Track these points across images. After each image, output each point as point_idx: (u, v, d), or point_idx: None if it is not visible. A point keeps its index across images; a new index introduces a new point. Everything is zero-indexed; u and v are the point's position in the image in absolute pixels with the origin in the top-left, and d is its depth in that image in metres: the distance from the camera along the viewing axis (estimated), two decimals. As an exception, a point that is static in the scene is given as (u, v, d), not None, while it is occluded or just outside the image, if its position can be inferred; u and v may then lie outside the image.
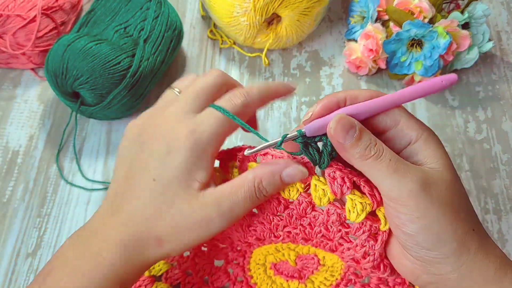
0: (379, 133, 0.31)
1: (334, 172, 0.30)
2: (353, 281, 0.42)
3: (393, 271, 0.33)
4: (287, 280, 0.43)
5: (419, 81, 0.60)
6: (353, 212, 0.30)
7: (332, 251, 0.34)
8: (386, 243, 0.32)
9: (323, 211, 0.32)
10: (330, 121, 0.29)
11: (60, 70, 0.51)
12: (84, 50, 0.51)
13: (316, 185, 0.31)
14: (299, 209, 0.32)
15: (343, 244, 0.33)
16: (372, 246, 0.31)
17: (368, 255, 0.32)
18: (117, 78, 0.52)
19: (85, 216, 0.52)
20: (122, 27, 0.55)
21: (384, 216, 0.31)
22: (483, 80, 0.63)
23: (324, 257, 0.40)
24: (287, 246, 0.40)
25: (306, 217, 0.32)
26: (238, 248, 0.42)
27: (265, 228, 0.34)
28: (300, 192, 0.31)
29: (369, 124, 0.31)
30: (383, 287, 0.41)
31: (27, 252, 0.50)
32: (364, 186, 0.30)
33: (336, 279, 0.42)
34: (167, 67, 0.59)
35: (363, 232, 0.31)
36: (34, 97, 0.60)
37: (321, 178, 0.31)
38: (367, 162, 0.29)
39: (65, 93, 0.53)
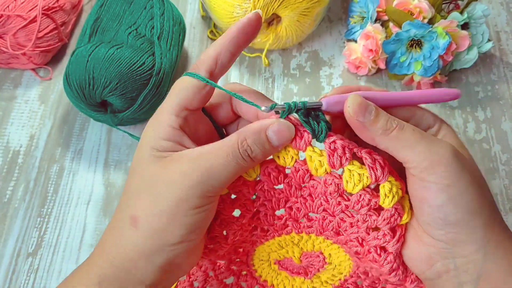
0: None
1: (335, 142, 0.29)
2: (362, 277, 0.41)
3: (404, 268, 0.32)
4: (293, 275, 0.43)
5: (418, 82, 0.60)
6: (350, 182, 0.30)
7: (337, 232, 0.34)
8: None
9: (321, 180, 0.31)
10: (347, 99, 0.29)
11: (87, 81, 0.51)
12: (108, 57, 0.51)
13: (311, 156, 0.30)
14: (297, 176, 0.31)
15: (345, 220, 0.33)
16: (374, 221, 0.31)
17: (372, 231, 0.32)
18: (144, 78, 0.52)
19: (86, 216, 0.52)
20: (133, 29, 0.56)
21: (385, 193, 0.30)
22: (482, 80, 0.63)
23: (330, 254, 0.40)
24: (290, 239, 0.39)
25: (306, 187, 0.32)
26: (240, 250, 0.41)
27: (268, 209, 0.34)
28: (296, 159, 0.31)
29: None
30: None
31: (28, 252, 0.50)
32: (366, 158, 0.30)
33: (345, 275, 0.41)
34: (178, 62, 0.60)
35: (362, 206, 0.31)
36: (34, 97, 0.60)
37: (316, 149, 0.30)
38: (391, 136, 0.28)
39: (92, 104, 0.53)
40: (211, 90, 0.31)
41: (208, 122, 0.34)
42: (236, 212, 0.34)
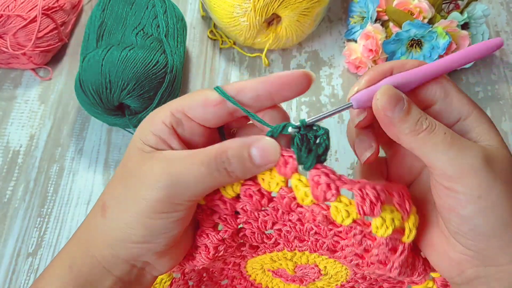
0: (426, 107, 0.29)
1: (319, 176, 0.27)
2: (359, 281, 0.40)
3: (411, 269, 0.31)
4: (288, 282, 0.42)
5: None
6: (338, 217, 0.28)
7: (332, 251, 0.32)
8: (420, 234, 0.30)
9: (309, 208, 0.29)
10: (376, 92, 0.27)
11: (104, 85, 0.50)
12: (122, 59, 0.51)
13: (296, 185, 0.28)
14: (283, 203, 0.29)
15: (339, 242, 0.31)
16: (370, 245, 0.29)
17: (371, 249, 0.30)
18: (160, 77, 0.52)
19: (86, 216, 0.52)
20: (139, 29, 0.56)
21: (377, 226, 0.27)
22: (482, 80, 0.63)
23: (325, 266, 0.38)
24: (283, 255, 0.37)
25: (294, 212, 0.30)
26: (231, 262, 0.40)
27: (253, 228, 0.32)
28: (281, 186, 0.28)
29: (416, 95, 0.28)
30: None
31: (28, 252, 0.50)
32: (356, 195, 0.27)
33: (342, 282, 0.40)
34: (185, 58, 0.60)
35: (355, 235, 0.29)
36: (34, 97, 0.60)
37: (302, 178, 0.28)
38: (419, 137, 0.26)
39: (109, 108, 0.52)
40: (222, 113, 0.29)
41: (212, 139, 0.31)
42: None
